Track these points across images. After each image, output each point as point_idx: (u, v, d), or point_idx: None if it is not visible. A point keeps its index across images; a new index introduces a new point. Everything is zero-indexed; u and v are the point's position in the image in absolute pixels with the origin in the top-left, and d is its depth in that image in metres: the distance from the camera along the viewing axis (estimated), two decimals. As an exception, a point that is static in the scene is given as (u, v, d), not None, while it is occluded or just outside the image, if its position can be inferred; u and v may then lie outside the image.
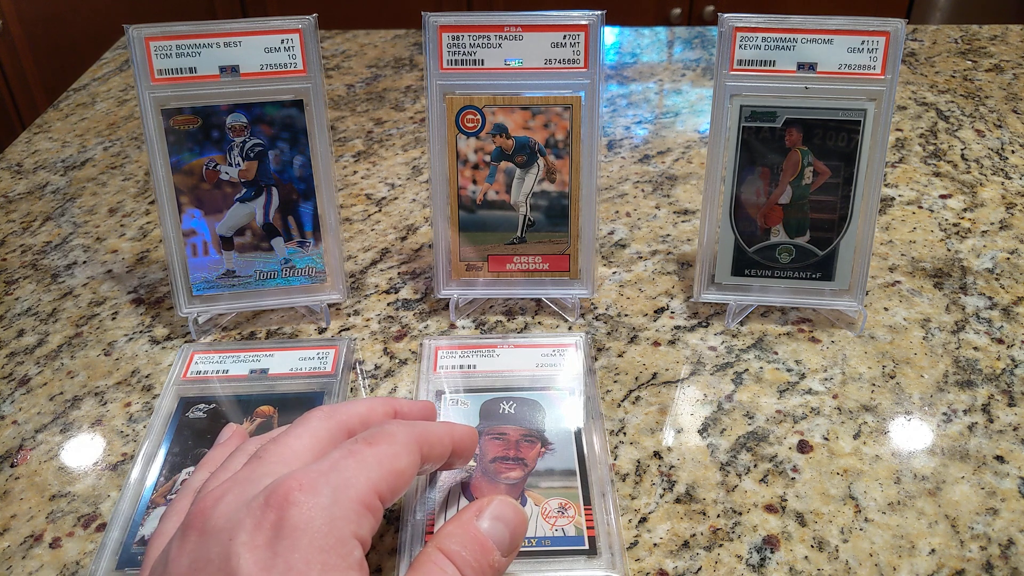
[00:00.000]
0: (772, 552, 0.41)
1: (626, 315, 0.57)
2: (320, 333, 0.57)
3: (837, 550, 0.41)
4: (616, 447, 0.47)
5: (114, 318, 0.59)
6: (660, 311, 0.58)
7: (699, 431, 0.48)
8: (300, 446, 0.31)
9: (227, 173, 0.54)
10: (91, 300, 0.61)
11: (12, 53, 1.64)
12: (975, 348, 0.53)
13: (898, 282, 0.59)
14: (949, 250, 0.63)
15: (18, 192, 0.75)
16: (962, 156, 0.75)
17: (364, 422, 0.34)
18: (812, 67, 0.51)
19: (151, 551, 0.33)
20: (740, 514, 0.43)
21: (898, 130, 0.79)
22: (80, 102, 0.91)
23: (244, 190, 0.55)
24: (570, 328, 0.56)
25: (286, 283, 0.57)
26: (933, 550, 0.41)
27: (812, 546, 0.41)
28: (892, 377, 0.51)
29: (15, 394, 0.53)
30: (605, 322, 0.57)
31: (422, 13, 0.51)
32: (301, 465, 0.30)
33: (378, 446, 0.31)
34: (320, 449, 0.31)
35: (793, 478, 0.45)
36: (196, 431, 0.48)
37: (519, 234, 0.56)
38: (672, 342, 0.55)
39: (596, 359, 0.54)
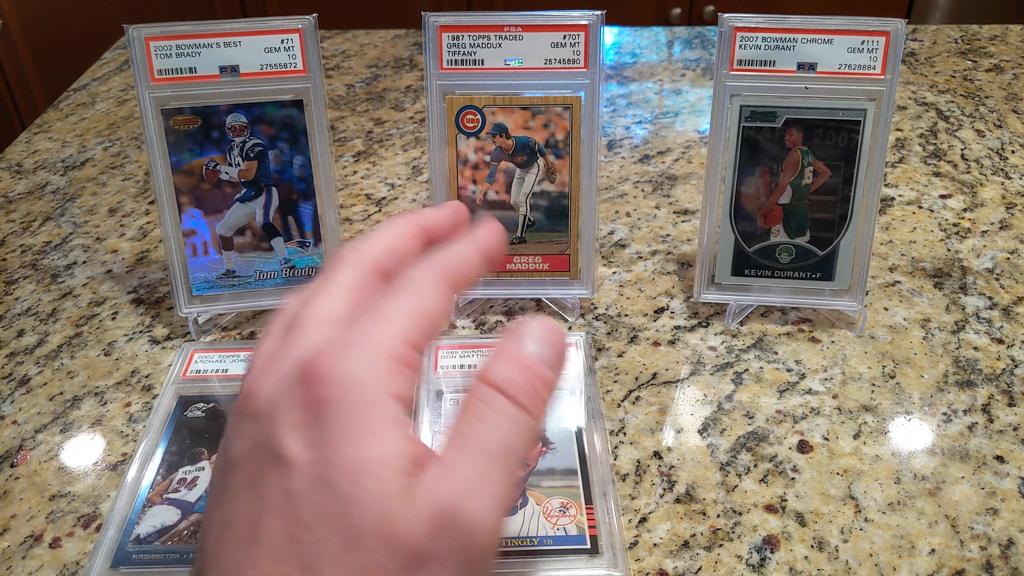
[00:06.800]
0: (772, 552, 0.41)
1: (626, 315, 0.57)
2: (320, 333, 0.57)
3: (837, 550, 0.41)
4: (616, 447, 0.47)
5: (114, 318, 0.59)
6: (660, 311, 0.58)
7: (699, 431, 0.48)
8: (331, 307, 0.31)
9: (227, 173, 0.54)
10: (91, 300, 0.61)
11: (12, 53, 1.64)
12: (975, 348, 0.53)
13: (898, 282, 0.59)
14: (949, 250, 0.63)
15: (18, 192, 0.75)
16: (962, 156, 0.75)
17: (394, 255, 0.33)
18: (812, 67, 0.51)
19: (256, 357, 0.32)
20: (740, 514, 0.43)
21: (898, 130, 0.79)
22: (80, 102, 0.91)
23: (244, 190, 0.55)
24: (570, 328, 0.56)
25: (286, 283, 0.57)
26: (933, 550, 0.41)
27: (812, 546, 0.41)
28: (892, 377, 0.51)
29: (15, 394, 0.53)
30: (605, 322, 0.57)
31: (422, 13, 0.51)
32: (333, 327, 0.30)
33: (403, 298, 0.30)
34: (352, 301, 0.31)
35: (793, 478, 0.45)
36: (194, 430, 0.48)
37: (519, 234, 0.56)
38: (672, 342, 0.55)
39: (596, 359, 0.54)
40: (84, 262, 0.65)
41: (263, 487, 0.27)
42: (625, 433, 0.48)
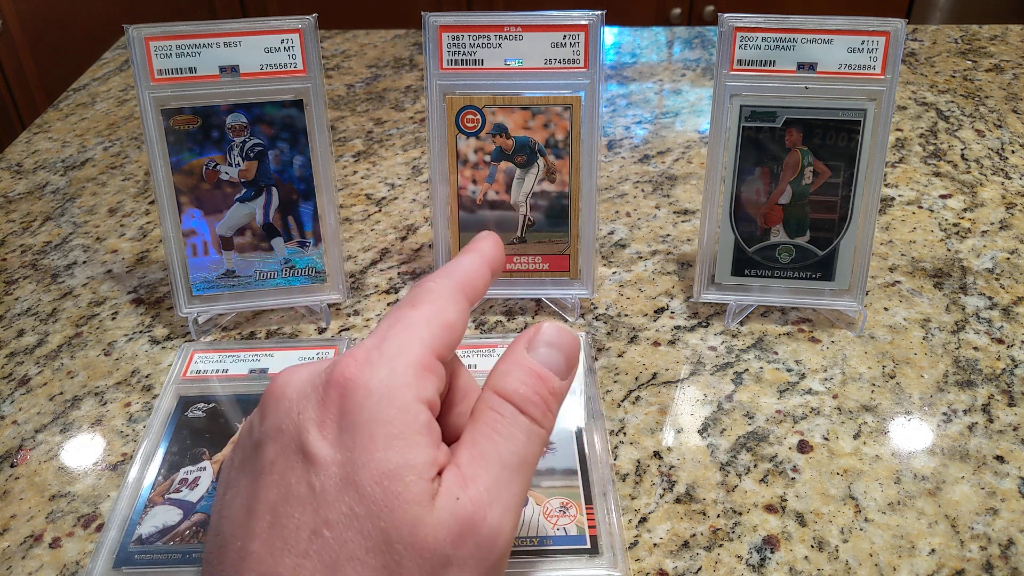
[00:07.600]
0: (772, 552, 0.41)
1: (626, 315, 0.57)
2: (320, 333, 0.57)
3: (837, 550, 0.41)
4: (616, 447, 0.47)
5: (114, 318, 0.59)
6: (660, 311, 0.58)
7: (699, 431, 0.48)
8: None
9: (227, 173, 0.54)
10: (91, 300, 0.61)
11: (12, 53, 1.64)
12: (975, 348, 0.53)
13: (898, 282, 0.59)
14: (949, 250, 0.63)
15: (18, 192, 0.75)
16: (962, 156, 0.75)
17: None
18: (812, 67, 0.51)
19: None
20: (740, 514, 0.43)
21: (898, 130, 0.79)
22: (80, 102, 0.91)
23: (244, 190, 0.55)
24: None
25: (286, 283, 0.57)
26: (933, 550, 0.41)
27: (812, 546, 0.41)
28: (892, 377, 0.51)
29: (15, 394, 0.53)
30: (605, 322, 0.57)
31: (422, 13, 0.51)
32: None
33: (422, 306, 0.31)
34: None
35: (793, 478, 0.45)
36: (195, 431, 0.48)
37: (519, 234, 0.56)
38: (672, 342, 0.55)
39: (596, 359, 0.54)
40: (84, 262, 0.65)
41: (288, 477, 0.28)
42: (625, 433, 0.48)
